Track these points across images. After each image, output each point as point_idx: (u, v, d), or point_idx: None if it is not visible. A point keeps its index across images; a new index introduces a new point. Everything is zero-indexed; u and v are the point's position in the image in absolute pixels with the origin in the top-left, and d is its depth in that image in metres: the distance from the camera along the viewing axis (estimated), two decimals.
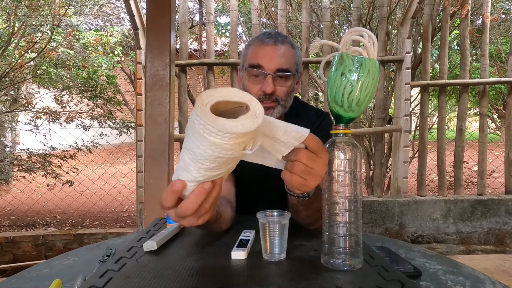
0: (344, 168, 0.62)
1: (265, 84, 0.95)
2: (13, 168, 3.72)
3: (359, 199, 0.63)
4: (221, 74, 6.47)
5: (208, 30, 2.93)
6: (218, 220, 0.77)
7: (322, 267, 0.63)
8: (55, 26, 3.44)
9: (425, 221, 2.73)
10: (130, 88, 6.93)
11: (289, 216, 0.68)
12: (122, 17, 5.99)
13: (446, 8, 2.90)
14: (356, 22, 2.89)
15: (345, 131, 0.65)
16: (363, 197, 2.80)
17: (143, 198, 2.38)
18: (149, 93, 2.03)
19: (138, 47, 2.80)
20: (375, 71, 0.63)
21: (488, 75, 2.91)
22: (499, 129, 7.17)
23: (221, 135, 0.47)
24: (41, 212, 4.07)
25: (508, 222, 2.75)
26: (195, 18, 5.49)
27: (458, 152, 2.90)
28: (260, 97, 0.97)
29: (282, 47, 0.97)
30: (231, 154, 0.49)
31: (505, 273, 1.93)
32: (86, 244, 2.73)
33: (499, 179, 4.28)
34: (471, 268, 0.79)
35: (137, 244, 0.77)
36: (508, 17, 4.51)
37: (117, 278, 0.60)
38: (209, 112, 0.48)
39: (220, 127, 0.46)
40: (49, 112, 3.92)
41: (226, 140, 0.47)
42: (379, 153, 2.95)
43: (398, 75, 2.85)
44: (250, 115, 0.49)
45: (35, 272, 0.79)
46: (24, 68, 3.46)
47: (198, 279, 0.59)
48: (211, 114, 0.47)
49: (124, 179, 5.21)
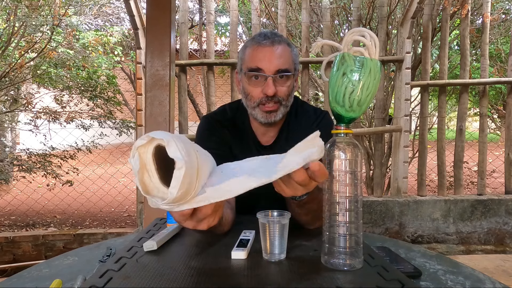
0: (345, 168, 0.62)
1: (266, 87, 0.95)
2: (13, 168, 3.72)
3: (359, 199, 0.63)
4: (221, 74, 6.47)
5: (208, 30, 2.93)
6: (221, 222, 0.77)
7: (322, 267, 0.63)
8: (55, 26, 3.44)
9: (425, 221, 2.73)
10: (130, 88, 6.93)
11: (289, 216, 0.68)
12: (122, 17, 6.00)
13: (446, 8, 2.90)
14: (356, 22, 2.89)
15: (346, 131, 0.65)
16: (363, 197, 2.80)
17: (143, 198, 2.38)
18: (149, 93, 2.03)
19: (138, 47, 2.80)
20: (377, 71, 0.63)
21: (488, 75, 2.91)
22: (499, 129, 7.18)
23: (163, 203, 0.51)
24: (41, 212, 4.07)
25: (508, 222, 2.75)
26: (195, 18, 5.49)
27: (458, 152, 2.90)
28: (263, 99, 0.97)
29: (279, 47, 0.96)
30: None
31: (505, 273, 1.93)
32: (86, 244, 2.73)
33: (499, 179, 4.28)
34: (471, 268, 0.79)
35: (137, 244, 0.77)
36: (508, 17, 4.51)
37: (117, 278, 0.60)
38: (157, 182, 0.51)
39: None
40: (49, 112, 3.92)
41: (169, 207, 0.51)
42: (379, 153, 2.95)
43: (398, 75, 2.85)
44: (175, 170, 0.48)
45: (35, 272, 0.78)
46: (24, 68, 3.46)
47: (198, 279, 0.59)
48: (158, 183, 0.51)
49: (124, 179, 5.21)
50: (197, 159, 0.51)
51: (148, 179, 0.51)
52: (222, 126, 1.08)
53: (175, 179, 0.48)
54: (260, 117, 0.99)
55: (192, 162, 0.49)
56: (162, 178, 0.51)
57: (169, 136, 0.49)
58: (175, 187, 0.48)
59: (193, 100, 3.69)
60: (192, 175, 0.49)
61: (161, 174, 0.51)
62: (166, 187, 0.50)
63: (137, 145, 0.50)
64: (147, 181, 0.51)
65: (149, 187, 0.51)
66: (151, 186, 0.51)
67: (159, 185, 0.50)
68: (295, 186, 0.61)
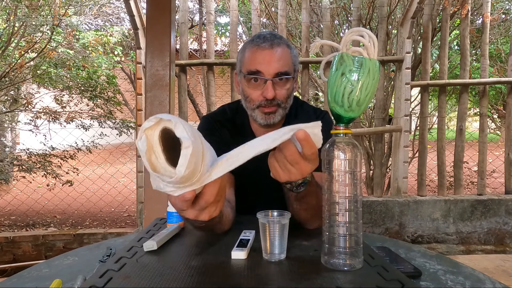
0: (344, 168, 0.62)
1: (265, 90, 0.95)
2: (13, 168, 3.72)
3: (359, 199, 0.63)
4: (221, 74, 6.47)
5: (208, 30, 2.93)
6: (221, 220, 0.77)
7: (322, 267, 0.63)
8: (55, 26, 3.44)
9: (425, 221, 2.73)
10: (130, 88, 6.93)
11: (289, 216, 0.68)
12: (122, 17, 5.99)
13: (446, 8, 2.90)
14: (356, 22, 2.89)
15: (345, 131, 0.65)
16: (363, 197, 2.80)
17: (143, 198, 2.38)
18: (149, 93, 2.03)
19: (138, 47, 2.80)
20: (376, 71, 0.63)
21: (488, 75, 2.91)
22: (499, 129, 7.18)
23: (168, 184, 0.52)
24: (41, 212, 4.07)
25: (508, 222, 2.75)
26: (195, 18, 5.49)
27: (458, 152, 2.90)
28: (262, 102, 0.97)
29: (278, 49, 0.95)
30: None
31: (505, 273, 1.93)
32: (86, 244, 2.73)
33: (499, 179, 4.28)
34: (471, 268, 0.79)
35: (137, 244, 0.77)
36: (508, 17, 4.51)
37: (117, 278, 0.60)
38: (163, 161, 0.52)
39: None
40: (49, 112, 3.92)
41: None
42: (379, 153, 2.95)
43: (398, 75, 2.85)
44: (182, 149, 0.49)
45: (35, 272, 0.79)
46: (24, 68, 3.46)
47: (198, 279, 0.59)
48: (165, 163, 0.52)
49: (124, 179, 5.22)
50: (202, 143, 0.53)
51: (156, 160, 0.51)
52: (222, 126, 1.08)
53: (183, 157, 0.49)
54: (259, 119, 1.00)
55: (197, 144, 0.50)
56: (168, 160, 0.51)
57: (177, 118, 0.51)
58: (183, 165, 0.49)
59: (193, 100, 3.69)
60: (198, 156, 0.51)
61: (167, 156, 0.52)
62: (172, 168, 0.50)
63: (144, 127, 0.51)
64: (154, 161, 0.52)
65: (157, 167, 0.52)
66: (158, 166, 0.51)
67: (166, 166, 0.51)
68: (288, 168, 0.64)
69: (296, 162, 0.62)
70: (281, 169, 0.65)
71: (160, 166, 0.51)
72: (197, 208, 0.57)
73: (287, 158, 0.62)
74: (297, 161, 0.62)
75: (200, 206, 0.56)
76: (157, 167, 0.51)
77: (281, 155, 0.63)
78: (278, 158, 0.64)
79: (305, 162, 0.63)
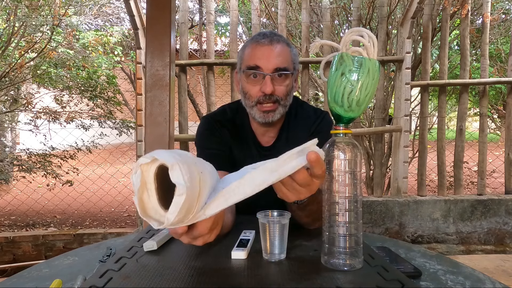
0: (344, 168, 0.62)
1: (264, 85, 0.95)
2: (13, 168, 3.72)
3: (359, 199, 0.63)
4: (221, 74, 6.47)
5: (208, 30, 2.93)
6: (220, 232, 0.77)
7: (322, 267, 0.63)
8: (55, 26, 3.44)
9: (425, 221, 2.73)
10: (130, 88, 6.93)
11: (289, 216, 0.68)
12: (122, 17, 6.00)
13: (446, 8, 2.90)
14: (356, 22, 2.89)
15: (345, 131, 0.65)
16: (363, 197, 2.80)
17: None
18: (149, 93, 2.03)
19: (138, 47, 2.80)
20: (375, 71, 0.63)
21: (488, 75, 2.91)
22: (499, 129, 7.18)
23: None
24: (41, 212, 4.07)
25: (508, 222, 2.75)
26: (195, 18, 5.49)
27: (458, 152, 2.90)
28: (260, 98, 0.97)
29: (278, 46, 0.96)
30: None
31: (505, 273, 1.93)
32: (86, 244, 2.73)
33: (499, 179, 4.28)
34: (471, 268, 0.79)
35: (137, 244, 0.77)
36: (508, 17, 4.51)
37: (117, 278, 0.60)
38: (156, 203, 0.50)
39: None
40: (49, 112, 3.92)
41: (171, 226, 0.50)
42: (379, 153, 2.95)
43: (398, 75, 2.85)
44: (175, 195, 0.47)
45: (35, 272, 0.79)
46: (24, 68, 3.46)
47: (198, 279, 0.59)
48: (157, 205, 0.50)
49: (124, 179, 5.22)
50: (200, 182, 0.50)
51: (147, 198, 0.50)
52: (222, 126, 1.08)
53: (174, 205, 0.47)
54: (258, 117, 0.99)
55: (194, 188, 0.48)
56: (161, 199, 0.50)
57: (174, 159, 0.47)
58: (173, 213, 0.47)
59: (193, 100, 3.68)
60: (193, 201, 0.48)
61: (160, 194, 0.50)
62: (163, 210, 0.49)
63: (140, 163, 0.49)
64: (145, 200, 0.50)
65: (147, 206, 0.50)
66: (149, 206, 0.50)
67: (157, 206, 0.49)
68: (297, 189, 0.60)
69: (307, 184, 0.60)
70: (289, 191, 0.61)
71: (151, 205, 0.49)
72: (190, 237, 0.55)
73: (299, 182, 0.59)
74: (309, 183, 0.60)
75: (193, 236, 0.55)
76: (147, 206, 0.50)
77: (289, 179, 0.60)
78: (285, 182, 0.60)
79: (315, 182, 0.61)
